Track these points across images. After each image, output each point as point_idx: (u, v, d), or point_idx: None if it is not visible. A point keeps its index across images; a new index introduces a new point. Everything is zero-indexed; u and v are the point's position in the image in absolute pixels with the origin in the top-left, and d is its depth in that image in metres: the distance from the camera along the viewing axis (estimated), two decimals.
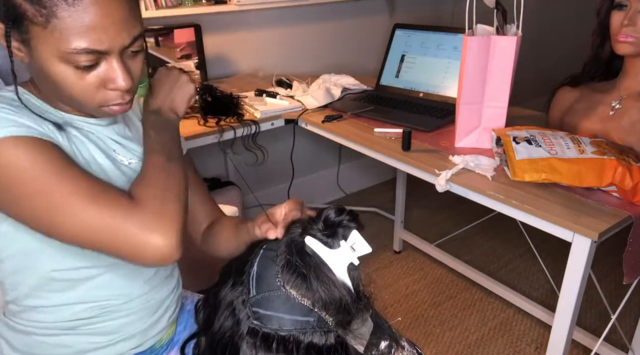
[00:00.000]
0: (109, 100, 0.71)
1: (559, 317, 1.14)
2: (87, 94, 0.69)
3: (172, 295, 0.93)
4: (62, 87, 0.68)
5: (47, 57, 0.65)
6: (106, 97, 0.71)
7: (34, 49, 0.65)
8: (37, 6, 0.62)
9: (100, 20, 0.64)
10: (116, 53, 0.67)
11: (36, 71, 0.70)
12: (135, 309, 0.86)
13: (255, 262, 0.57)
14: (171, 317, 0.94)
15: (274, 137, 2.06)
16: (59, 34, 0.63)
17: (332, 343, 0.54)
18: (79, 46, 0.63)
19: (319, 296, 0.53)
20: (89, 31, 0.63)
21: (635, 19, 1.20)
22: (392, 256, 2.34)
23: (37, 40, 0.64)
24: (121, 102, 0.72)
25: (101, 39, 0.64)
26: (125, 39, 0.67)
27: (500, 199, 1.13)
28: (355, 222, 0.56)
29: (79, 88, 0.68)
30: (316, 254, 0.54)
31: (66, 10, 0.62)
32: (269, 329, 0.53)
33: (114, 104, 0.72)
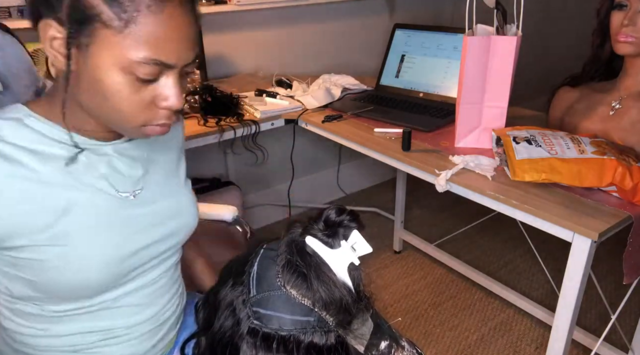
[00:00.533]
0: (155, 119, 0.68)
1: (559, 317, 1.14)
2: (136, 109, 0.66)
3: (176, 312, 0.92)
4: (111, 99, 0.64)
5: (106, 65, 0.62)
6: (153, 116, 0.68)
7: (92, 55, 0.62)
8: (117, 9, 0.59)
9: (175, 34, 0.63)
10: (178, 69, 0.66)
11: (83, 81, 0.65)
12: (140, 333, 0.84)
13: (255, 261, 0.57)
14: (175, 331, 0.94)
15: (274, 137, 2.07)
16: (131, 41, 0.60)
17: (333, 343, 0.54)
18: (150, 56, 0.62)
19: (319, 296, 0.53)
20: (164, 42, 0.62)
21: (635, 19, 1.20)
22: (392, 256, 2.34)
23: (101, 46, 0.61)
24: (165, 123, 0.69)
25: (173, 52, 0.63)
26: (190, 56, 0.66)
27: (500, 199, 1.13)
28: (356, 222, 0.56)
29: (129, 102, 0.65)
30: (317, 253, 0.54)
31: (147, 17, 0.60)
32: (269, 329, 0.53)
33: (157, 124, 0.69)
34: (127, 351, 0.84)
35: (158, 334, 0.88)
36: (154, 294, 0.85)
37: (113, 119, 0.68)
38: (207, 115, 1.63)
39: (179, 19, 0.62)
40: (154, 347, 0.88)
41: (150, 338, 0.87)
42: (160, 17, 0.61)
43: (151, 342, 0.87)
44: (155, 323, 0.86)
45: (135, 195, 0.78)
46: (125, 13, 0.59)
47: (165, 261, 0.86)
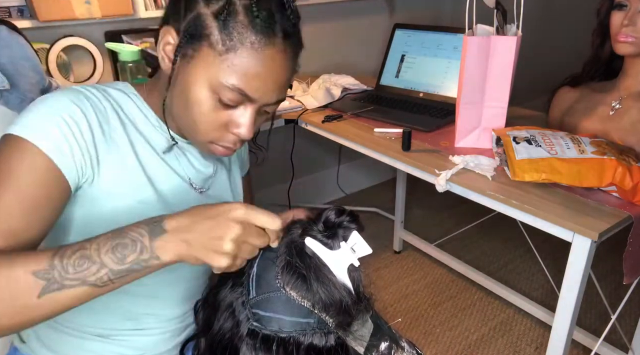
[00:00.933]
0: (223, 141, 0.74)
1: (559, 317, 1.14)
2: (209, 126, 0.72)
3: None
4: (191, 109, 0.70)
5: (198, 79, 0.68)
6: (222, 137, 0.73)
7: (191, 66, 0.68)
8: (224, 36, 0.65)
9: (266, 74, 0.68)
10: (258, 105, 0.71)
11: (177, 85, 0.71)
12: (168, 329, 0.87)
13: (255, 263, 0.57)
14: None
15: (274, 137, 2.06)
16: (226, 67, 0.66)
17: (333, 344, 0.54)
18: (238, 85, 0.67)
19: (319, 297, 0.53)
20: (253, 78, 0.67)
21: (635, 19, 1.20)
22: (392, 256, 2.34)
23: (201, 61, 0.67)
24: (230, 147, 0.75)
25: (258, 89, 0.68)
26: (272, 98, 0.71)
27: (500, 199, 1.13)
28: (356, 223, 0.56)
29: (206, 118, 0.71)
30: (316, 255, 0.54)
31: (248, 51, 0.66)
32: (269, 331, 0.53)
33: (223, 146, 0.75)
34: (150, 345, 0.86)
35: (181, 335, 0.91)
36: (187, 293, 0.87)
37: (188, 127, 0.74)
38: None
39: (275, 63, 0.68)
40: (173, 348, 0.90)
41: (172, 338, 0.89)
42: (260, 56, 0.66)
43: (173, 342, 0.89)
44: (182, 323, 0.89)
45: (202, 192, 0.85)
46: (230, 41, 0.65)
47: None
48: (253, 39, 0.65)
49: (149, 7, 1.82)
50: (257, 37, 0.65)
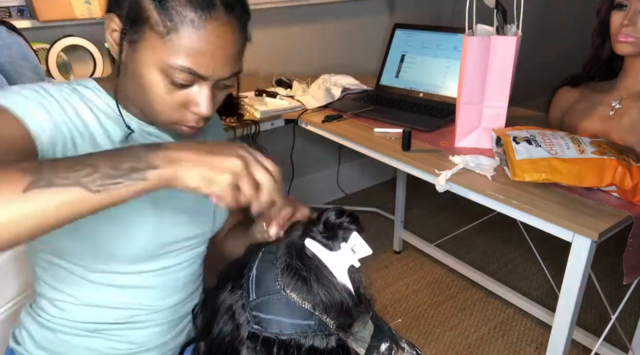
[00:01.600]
0: (185, 121, 0.73)
1: (559, 317, 1.14)
2: (168, 108, 0.71)
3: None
4: (147, 94, 0.70)
5: (147, 63, 0.68)
6: (183, 117, 0.73)
7: (138, 51, 0.68)
8: (164, 17, 0.64)
9: (213, 49, 0.67)
10: (212, 81, 0.70)
11: (128, 71, 0.71)
12: (160, 321, 0.87)
13: (254, 265, 0.57)
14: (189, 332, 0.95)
15: (274, 137, 2.06)
16: (171, 48, 0.65)
17: (334, 346, 0.54)
18: (185, 65, 0.66)
19: (319, 299, 0.52)
20: (199, 55, 0.66)
21: (635, 19, 1.20)
22: (392, 256, 2.34)
23: (146, 45, 0.67)
24: (194, 126, 0.74)
25: (208, 65, 0.67)
26: (226, 72, 0.70)
27: (500, 199, 1.13)
28: (356, 224, 0.56)
29: (162, 100, 0.70)
30: (316, 256, 0.54)
31: (189, 30, 0.64)
32: (269, 333, 0.53)
33: (187, 126, 0.74)
34: (145, 338, 0.86)
35: (176, 328, 0.90)
36: (178, 282, 0.87)
37: (148, 111, 0.74)
38: None
39: (220, 37, 0.67)
40: (169, 341, 0.89)
41: (169, 330, 0.89)
42: (202, 32, 0.65)
43: (169, 335, 0.89)
44: (175, 314, 0.88)
45: None
46: (170, 22, 0.64)
47: (193, 248, 0.88)
48: (192, 16, 0.64)
49: None
50: (196, 14, 0.64)
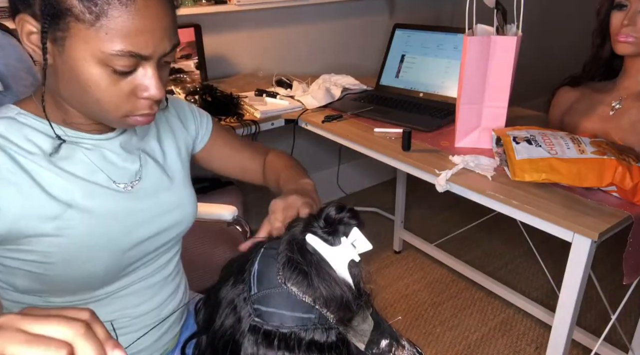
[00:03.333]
0: (137, 110, 0.68)
1: (559, 317, 1.14)
2: (117, 101, 0.66)
3: (179, 309, 0.93)
4: (91, 91, 0.65)
5: (82, 58, 0.62)
6: (135, 106, 0.68)
7: (68, 48, 0.62)
8: (87, 2, 0.59)
9: (149, 24, 0.62)
10: (155, 60, 0.66)
11: (62, 74, 0.65)
12: (141, 325, 0.85)
13: (256, 260, 0.57)
14: (178, 328, 0.94)
15: (274, 137, 2.06)
16: (104, 34, 0.60)
17: (334, 340, 0.54)
18: (125, 48, 0.61)
19: (320, 293, 0.53)
20: (137, 34, 0.62)
21: (635, 19, 1.20)
22: (392, 256, 2.34)
23: (76, 39, 0.61)
24: (149, 113, 0.70)
25: (147, 43, 0.63)
26: (166, 46, 0.66)
27: (500, 199, 1.13)
28: (356, 219, 0.56)
29: (109, 94, 0.65)
30: (317, 251, 0.54)
31: (118, 10, 0.60)
32: (270, 326, 0.53)
33: (140, 115, 0.69)
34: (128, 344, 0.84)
35: (161, 328, 0.89)
36: (157, 285, 0.86)
37: (95, 110, 0.68)
38: None
39: (151, 10, 0.62)
40: (156, 341, 0.88)
41: (154, 331, 0.87)
42: (132, 8, 0.60)
43: (154, 335, 0.87)
44: (159, 315, 0.87)
45: (133, 187, 0.79)
46: (96, 6, 0.59)
47: (166, 252, 0.87)
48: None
49: None
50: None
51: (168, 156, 0.87)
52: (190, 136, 0.93)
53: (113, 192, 0.76)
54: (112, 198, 0.76)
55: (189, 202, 0.88)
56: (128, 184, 0.78)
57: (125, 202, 0.77)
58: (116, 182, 0.77)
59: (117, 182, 0.77)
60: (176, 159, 0.89)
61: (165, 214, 0.83)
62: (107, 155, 0.77)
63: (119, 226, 0.76)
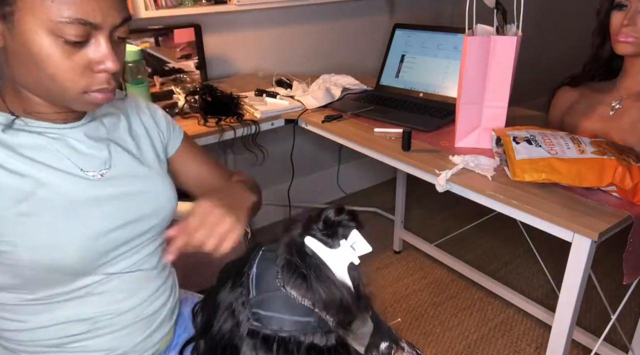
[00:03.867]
0: (94, 84, 0.68)
1: (559, 317, 1.14)
2: (72, 75, 0.66)
3: (167, 305, 0.91)
4: (45, 66, 0.65)
5: (33, 30, 0.62)
6: (91, 81, 0.68)
7: (17, 22, 0.62)
8: None
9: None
10: (107, 31, 0.66)
11: (14, 53, 0.65)
12: (127, 323, 0.83)
13: (254, 263, 0.57)
14: (169, 326, 0.93)
15: (274, 137, 2.06)
16: (51, 2, 0.61)
17: (333, 344, 0.54)
18: (73, 15, 0.62)
19: (319, 296, 0.53)
20: (84, 1, 0.62)
21: (636, 19, 1.20)
22: (392, 256, 2.34)
23: (25, 12, 0.61)
24: (106, 87, 0.70)
25: (95, 10, 0.63)
26: (116, 18, 0.66)
27: (500, 199, 1.13)
28: (355, 221, 0.56)
29: (63, 67, 0.65)
30: (316, 254, 0.54)
31: None
32: (269, 330, 0.53)
33: (98, 90, 0.69)
34: (114, 343, 0.83)
35: (150, 326, 0.87)
36: (137, 281, 0.84)
37: (51, 89, 0.68)
38: (207, 115, 1.62)
39: None
40: (144, 340, 0.86)
41: (141, 330, 0.85)
42: None
43: (141, 335, 0.86)
44: (143, 313, 0.85)
45: (103, 175, 0.78)
46: None
47: (146, 246, 0.85)
48: None
49: (149, 7, 1.82)
50: None
51: (142, 148, 0.87)
52: (164, 136, 0.93)
53: (81, 179, 0.76)
54: (80, 185, 0.75)
55: (165, 193, 0.87)
56: (97, 173, 0.78)
57: (94, 189, 0.77)
58: (84, 169, 0.76)
59: (84, 169, 0.77)
60: (151, 151, 0.89)
61: (138, 203, 0.82)
62: (72, 143, 0.76)
63: (88, 212, 0.75)
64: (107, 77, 0.69)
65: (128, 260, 0.82)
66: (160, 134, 0.93)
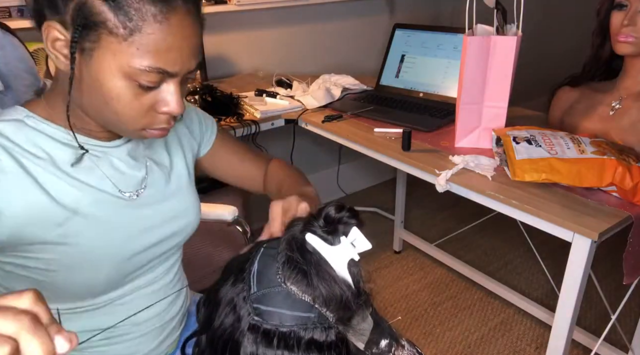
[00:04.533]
0: (155, 124, 0.69)
1: (559, 317, 1.14)
2: (136, 114, 0.66)
3: (180, 312, 0.93)
4: (112, 103, 0.65)
5: (109, 71, 0.62)
6: (153, 120, 0.68)
7: (95, 59, 0.62)
8: (122, 17, 0.59)
9: (180, 43, 0.63)
10: (180, 77, 0.66)
11: (85, 84, 0.65)
12: (144, 331, 0.85)
13: (256, 259, 0.57)
14: (179, 331, 0.94)
15: (274, 137, 2.06)
16: (135, 50, 0.61)
17: (333, 339, 0.54)
18: (154, 65, 0.62)
19: (319, 292, 0.53)
20: (167, 52, 0.62)
21: (636, 19, 1.20)
22: (392, 256, 2.34)
23: (105, 51, 0.61)
24: (165, 127, 0.70)
25: (176, 61, 0.63)
26: (192, 64, 0.66)
27: (500, 199, 1.13)
28: (356, 218, 0.56)
29: (130, 107, 0.65)
30: (317, 250, 0.55)
31: (152, 27, 0.60)
32: (269, 325, 0.53)
33: (157, 128, 0.69)
34: (131, 350, 0.84)
35: (162, 333, 0.88)
36: (159, 292, 0.85)
37: (113, 121, 0.68)
38: None
39: (184, 29, 0.63)
40: (157, 346, 0.88)
41: (155, 337, 0.87)
42: (165, 26, 0.61)
43: (155, 341, 0.87)
44: (160, 321, 0.87)
45: (139, 195, 0.78)
46: (130, 22, 0.59)
47: (168, 259, 0.87)
48: (154, 10, 0.59)
49: None
50: (157, 8, 0.59)
51: (175, 163, 0.87)
52: (196, 140, 0.93)
53: (118, 200, 0.76)
54: (117, 207, 0.75)
55: (193, 209, 0.88)
56: (133, 193, 0.78)
57: (130, 210, 0.77)
58: (122, 190, 0.76)
59: (122, 190, 0.76)
60: (183, 165, 0.89)
61: (169, 221, 0.83)
62: (114, 163, 0.76)
63: (123, 234, 0.75)
64: (168, 118, 0.69)
65: (152, 273, 0.84)
66: (192, 139, 0.93)
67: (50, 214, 0.68)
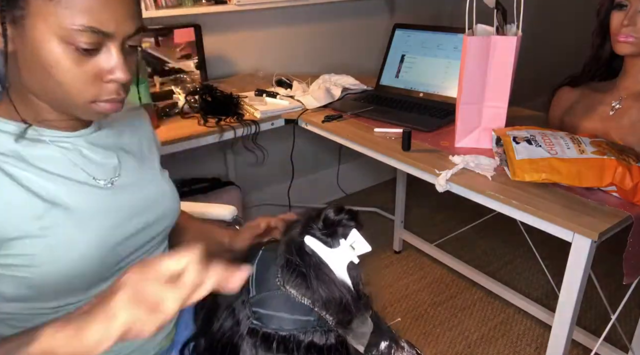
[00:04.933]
0: (103, 94, 0.67)
1: (559, 317, 1.14)
2: (81, 83, 0.65)
3: None
4: (54, 72, 0.63)
5: (44, 36, 0.61)
6: (101, 90, 0.67)
7: (28, 28, 0.61)
8: None
9: (114, 1, 0.62)
10: (119, 41, 0.64)
11: (23, 59, 0.63)
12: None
13: (254, 262, 0.57)
14: (170, 325, 0.93)
15: (274, 137, 2.06)
16: (64, 9, 0.59)
17: (333, 343, 0.54)
18: (87, 23, 0.60)
19: (319, 295, 0.53)
20: (99, 9, 0.61)
21: (636, 19, 1.20)
22: (392, 256, 2.34)
23: (36, 17, 0.60)
24: (115, 98, 0.68)
25: (109, 19, 0.62)
26: (130, 27, 0.65)
27: (500, 199, 1.13)
28: (355, 220, 0.56)
29: (72, 74, 0.64)
30: (316, 253, 0.54)
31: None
32: (269, 329, 0.53)
33: (107, 100, 0.68)
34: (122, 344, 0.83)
35: (161, 333, 0.88)
36: None
37: (59, 96, 0.66)
38: (207, 115, 1.63)
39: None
40: (149, 340, 0.87)
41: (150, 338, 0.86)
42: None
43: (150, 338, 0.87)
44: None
45: (113, 183, 0.79)
46: None
47: (154, 250, 0.86)
48: None
49: (149, 7, 1.82)
50: None
51: (145, 150, 0.88)
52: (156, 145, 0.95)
53: (94, 189, 0.75)
54: (94, 195, 0.75)
55: (171, 195, 0.88)
56: (108, 181, 0.78)
57: (107, 198, 0.77)
58: (96, 178, 0.76)
59: (97, 178, 0.76)
60: (154, 152, 0.90)
61: (148, 208, 0.83)
62: (84, 152, 0.76)
63: (102, 223, 0.75)
64: (116, 87, 0.68)
65: None
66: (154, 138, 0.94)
67: (28, 208, 0.68)
